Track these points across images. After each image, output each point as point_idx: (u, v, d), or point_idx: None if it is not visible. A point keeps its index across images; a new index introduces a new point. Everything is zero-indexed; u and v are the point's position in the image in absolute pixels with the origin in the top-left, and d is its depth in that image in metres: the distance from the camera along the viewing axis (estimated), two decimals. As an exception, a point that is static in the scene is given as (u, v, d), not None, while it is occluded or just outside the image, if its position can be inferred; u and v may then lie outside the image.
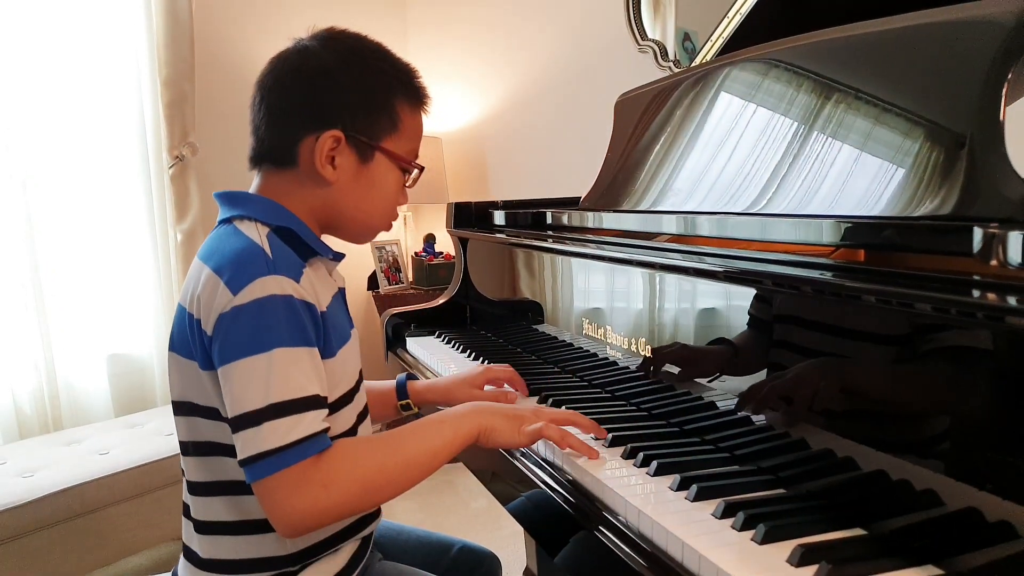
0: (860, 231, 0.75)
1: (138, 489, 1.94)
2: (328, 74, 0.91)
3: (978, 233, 0.58)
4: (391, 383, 1.21)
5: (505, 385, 1.20)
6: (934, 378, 0.64)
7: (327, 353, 0.87)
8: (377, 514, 1.03)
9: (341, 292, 0.99)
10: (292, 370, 0.79)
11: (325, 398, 0.83)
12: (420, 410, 1.20)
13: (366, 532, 0.99)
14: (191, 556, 0.93)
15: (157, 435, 2.17)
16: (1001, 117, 0.73)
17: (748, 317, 0.86)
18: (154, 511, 1.96)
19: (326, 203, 0.93)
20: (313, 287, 0.87)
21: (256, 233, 0.86)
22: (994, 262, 0.57)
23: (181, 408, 0.89)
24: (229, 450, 0.84)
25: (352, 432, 0.95)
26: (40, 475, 1.86)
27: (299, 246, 0.89)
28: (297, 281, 0.83)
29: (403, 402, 1.20)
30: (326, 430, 0.81)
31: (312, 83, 0.91)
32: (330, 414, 0.85)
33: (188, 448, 0.90)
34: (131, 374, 2.69)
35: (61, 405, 2.48)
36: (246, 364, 0.78)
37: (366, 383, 1.10)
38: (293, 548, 0.90)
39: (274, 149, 0.92)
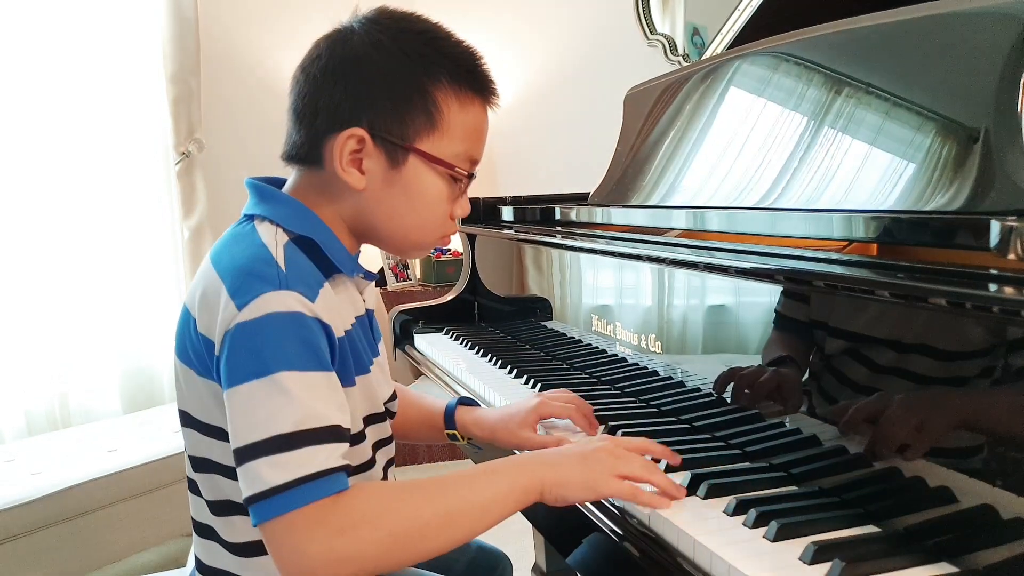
0: (873, 225, 0.74)
1: (147, 486, 1.94)
2: (356, 62, 0.79)
3: (995, 226, 0.57)
4: (440, 404, 1.06)
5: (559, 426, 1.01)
6: (947, 374, 0.63)
7: (342, 383, 0.77)
8: None
9: (369, 315, 0.89)
10: (304, 396, 0.69)
11: (348, 430, 0.73)
12: (470, 440, 1.05)
13: None
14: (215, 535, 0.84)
15: (166, 432, 2.17)
16: (1019, 109, 0.72)
17: (761, 314, 0.85)
18: (163, 508, 1.96)
19: (357, 211, 0.83)
20: (330, 307, 0.76)
21: (273, 240, 0.77)
22: (1012, 256, 0.56)
23: (181, 418, 0.83)
24: (221, 469, 0.78)
25: (370, 464, 0.86)
26: (49, 472, 1.86)
27: (321, 260, 0.79)
28: (311, 299, 0.73)
29: (450, 431, 1.05)
30: (345, 467, 0.70)
31: (336, 73, 0.79)
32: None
33: (188, 462, 0.84)
34: (140, 371, 2.70)
35: (70, 402, 2.48)
36: (247, 389, 0.69)
37: (412, 395, 1.06)
38: None
39: (299, 148, 0.82)
